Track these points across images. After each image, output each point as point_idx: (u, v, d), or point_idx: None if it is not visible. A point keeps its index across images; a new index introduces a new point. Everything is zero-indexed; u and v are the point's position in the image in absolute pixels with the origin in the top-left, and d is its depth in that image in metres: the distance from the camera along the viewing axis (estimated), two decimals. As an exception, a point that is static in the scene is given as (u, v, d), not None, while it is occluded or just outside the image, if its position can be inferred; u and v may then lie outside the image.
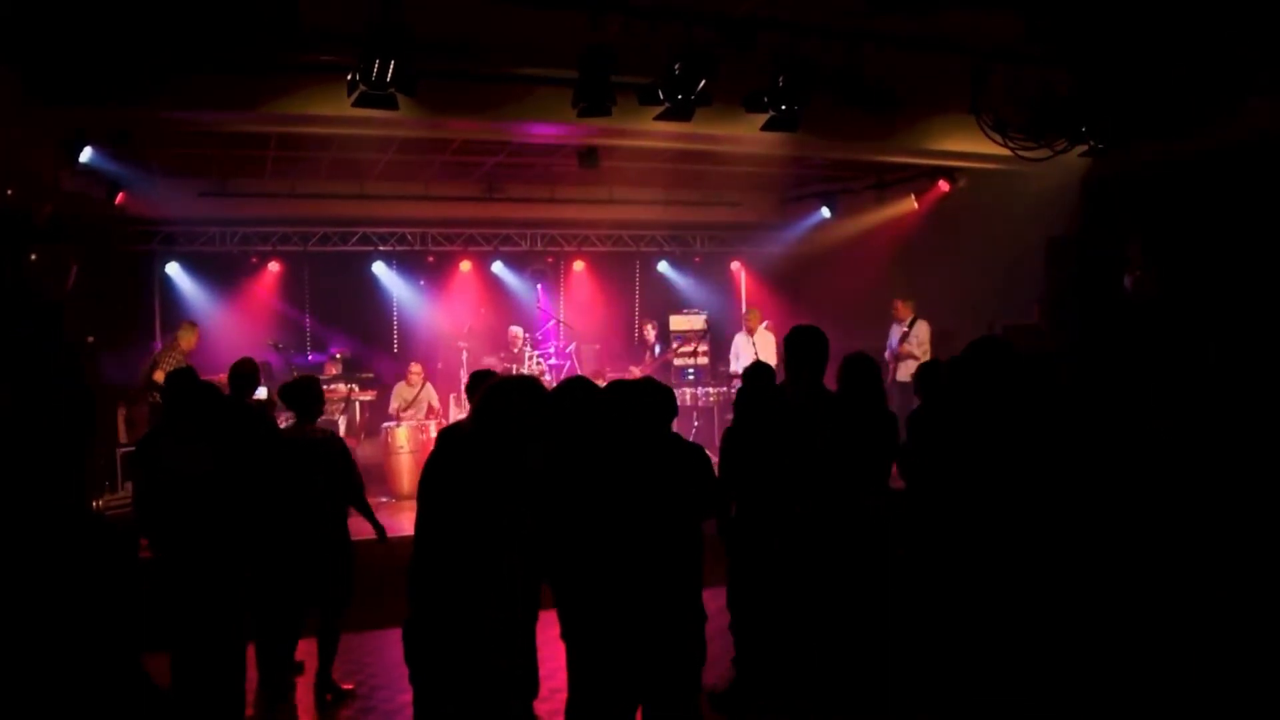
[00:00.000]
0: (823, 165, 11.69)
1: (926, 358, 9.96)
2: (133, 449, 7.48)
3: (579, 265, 14.13)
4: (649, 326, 12.97)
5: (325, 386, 11.15)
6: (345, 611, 5.70)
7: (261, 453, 5.44)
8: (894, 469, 4.80)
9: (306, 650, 5.81)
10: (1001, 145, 6.41)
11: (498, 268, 13.63)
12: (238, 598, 4.73)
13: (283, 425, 6.32)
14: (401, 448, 10.16)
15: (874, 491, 4.57)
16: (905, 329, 10.94)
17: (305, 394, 5.78)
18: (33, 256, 8.39)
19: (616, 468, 3.40)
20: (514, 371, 11.63)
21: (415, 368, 11.09)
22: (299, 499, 5.44)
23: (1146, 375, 7.22)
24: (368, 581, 5.82)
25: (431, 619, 3.29)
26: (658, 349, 12.76)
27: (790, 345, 4.67)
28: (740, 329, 12.26)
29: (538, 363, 11.74)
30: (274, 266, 12.59)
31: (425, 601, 3.31)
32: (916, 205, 11.73)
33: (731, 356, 12.10)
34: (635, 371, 11.70)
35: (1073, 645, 3.85)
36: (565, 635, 3.49)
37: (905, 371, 10.29)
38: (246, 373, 6.37)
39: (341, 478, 5.69)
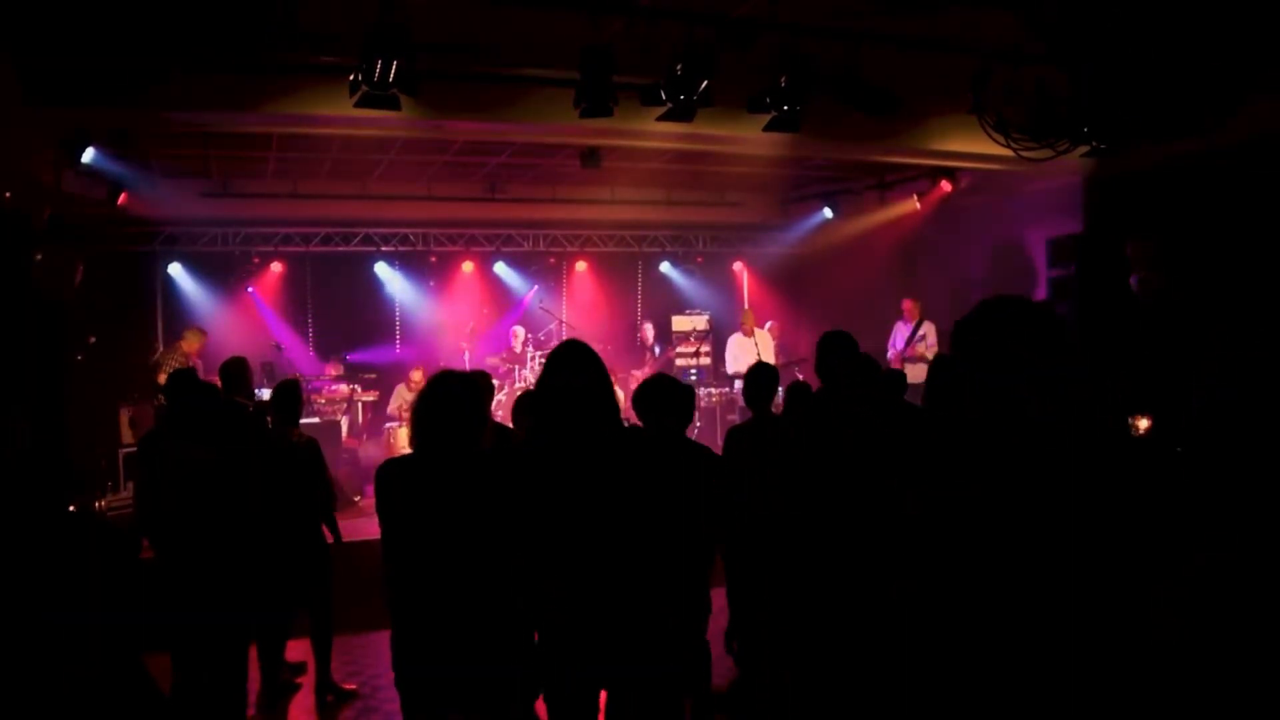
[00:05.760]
0: (824, 165, 11.70)
1: (934, 361, 9.93)
2: (135, 449, 7.50)
3: (581, 265, 14.14)
4: (647, 326, 12.97)
5: (328, 387, 11.27)
6: (330, 612, 5.72)
7: (254, 453, 5.45)
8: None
9: (309, 651, 5.83)
10: (1003, 145, 6.40)
11: (500, 268, 13.64)
12: (238, 598, 4.74)
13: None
14: (404, 448, 10.15)
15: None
16: (911, 329, 10.91)
17: (286, 398, 5.79)
18: (38, 257, 8.40)
19: (622, 465, 3.36)
20: (516, 372, 11.65)
21: (416, 376, 11.02)
22: (281, 500, 5.45)
23: (1149, 376, 7.21)
24: (368, 582, 5.83)
25: (421, 630, 3.30)
26: (657, 349, 12.75)
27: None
28: (735, 330, 12.26)
29: (540, 363, 11.75)
30: (276, 267, 12.61)
31: (413, 613, 3.32)
32: (919, 205, 11.73)
33: (729, 358, 12.09)
34: (637, 375, 11.68)
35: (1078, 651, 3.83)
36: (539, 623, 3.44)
37: (916, 374, 10.26)
38: (236, 371, 6.38)
39: (316, 483, 5.71)
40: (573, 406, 3.24)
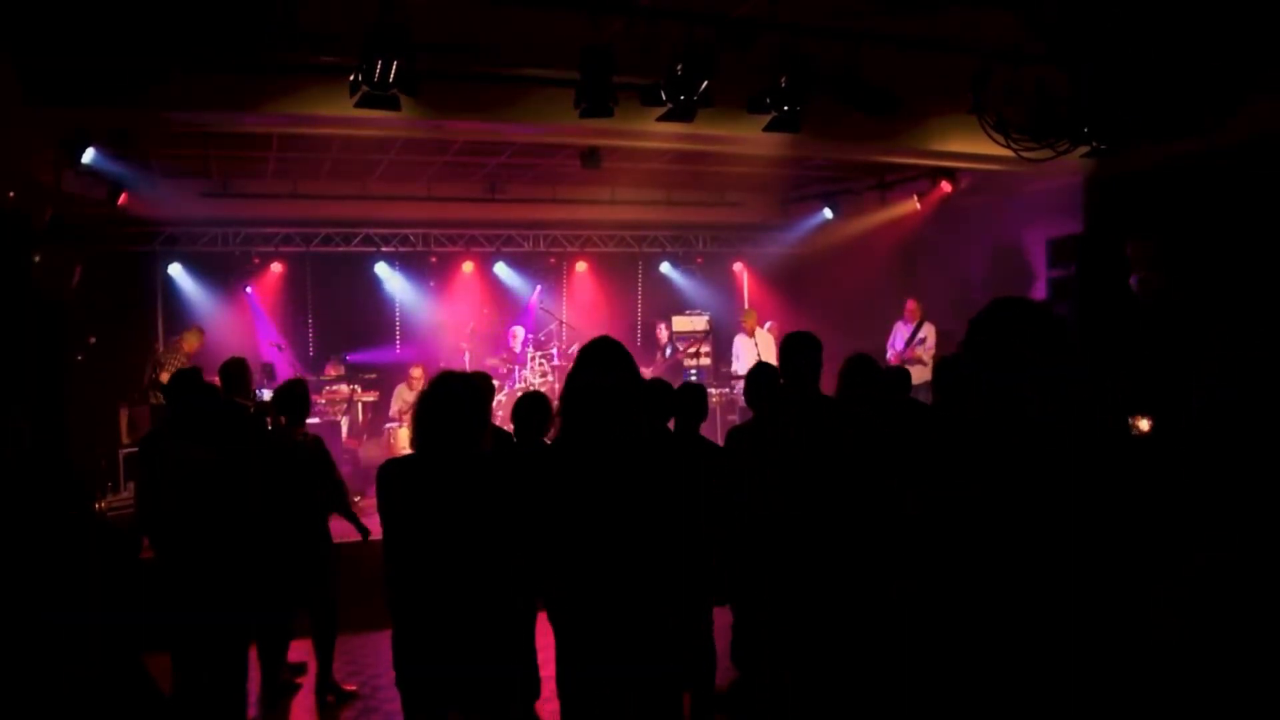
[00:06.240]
0: (824, 165, 11.70)
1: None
2: (135, 449, 7.50)
3: (581, 266, 14.13)
4: (661, 327, 12.95)
5: (328, 387, 11.28)
6: (333, 612, 5.72)
7: (255, 453, 5.45)
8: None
9: (310, 651, 5.82)
10: (1003, 146, 6.40)
11: (500, 269, 13.64)
12: (238, 598, 4.74)
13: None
14: (404, 448, 10.16)
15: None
16: (912, 331, 10.91)
17: (292, 398, 5.79)
18: (36, 258, 8.41)
19: (625, 467, 3.35)
20: (516, 373, 11.65)
21: (416, 372, 11.07)
22: (283, 501, 5.45)
23: (1149, 376, 7.21)
24: (368, 582, 5.84)
25: (422, 630, 3.30)
26: (669, 350, 12.73)
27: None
28: (738, 330, 12.27)
29: (540, 363, 11.75)
30: (276, 267, 12.61)
31: (414, 613, 3.32)
32: (919, 206, 11.73)
33: (733, 357, 12.13)
34: (646, 373, 11.64)
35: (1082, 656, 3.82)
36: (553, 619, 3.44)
37: (915, 376, 10.23)
38: (236, 371, 6.38)
39: (324, 481, 5.71)
40: (592, 406, 3.23)
